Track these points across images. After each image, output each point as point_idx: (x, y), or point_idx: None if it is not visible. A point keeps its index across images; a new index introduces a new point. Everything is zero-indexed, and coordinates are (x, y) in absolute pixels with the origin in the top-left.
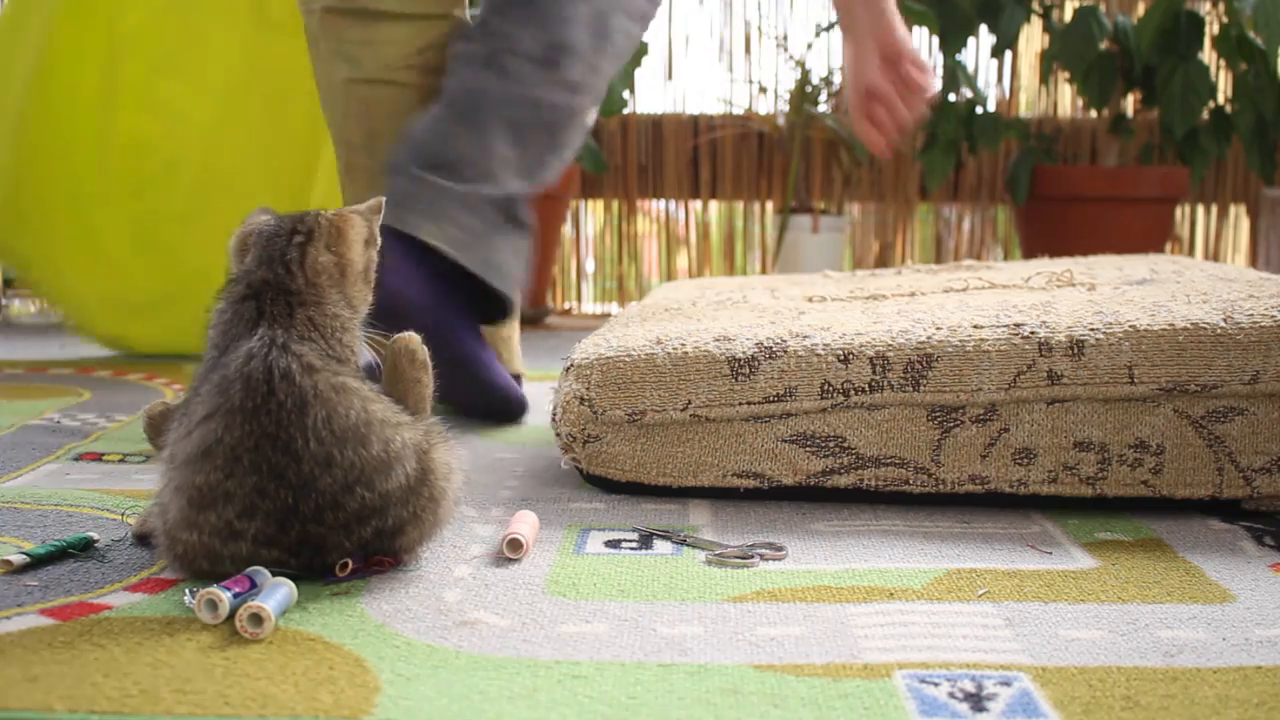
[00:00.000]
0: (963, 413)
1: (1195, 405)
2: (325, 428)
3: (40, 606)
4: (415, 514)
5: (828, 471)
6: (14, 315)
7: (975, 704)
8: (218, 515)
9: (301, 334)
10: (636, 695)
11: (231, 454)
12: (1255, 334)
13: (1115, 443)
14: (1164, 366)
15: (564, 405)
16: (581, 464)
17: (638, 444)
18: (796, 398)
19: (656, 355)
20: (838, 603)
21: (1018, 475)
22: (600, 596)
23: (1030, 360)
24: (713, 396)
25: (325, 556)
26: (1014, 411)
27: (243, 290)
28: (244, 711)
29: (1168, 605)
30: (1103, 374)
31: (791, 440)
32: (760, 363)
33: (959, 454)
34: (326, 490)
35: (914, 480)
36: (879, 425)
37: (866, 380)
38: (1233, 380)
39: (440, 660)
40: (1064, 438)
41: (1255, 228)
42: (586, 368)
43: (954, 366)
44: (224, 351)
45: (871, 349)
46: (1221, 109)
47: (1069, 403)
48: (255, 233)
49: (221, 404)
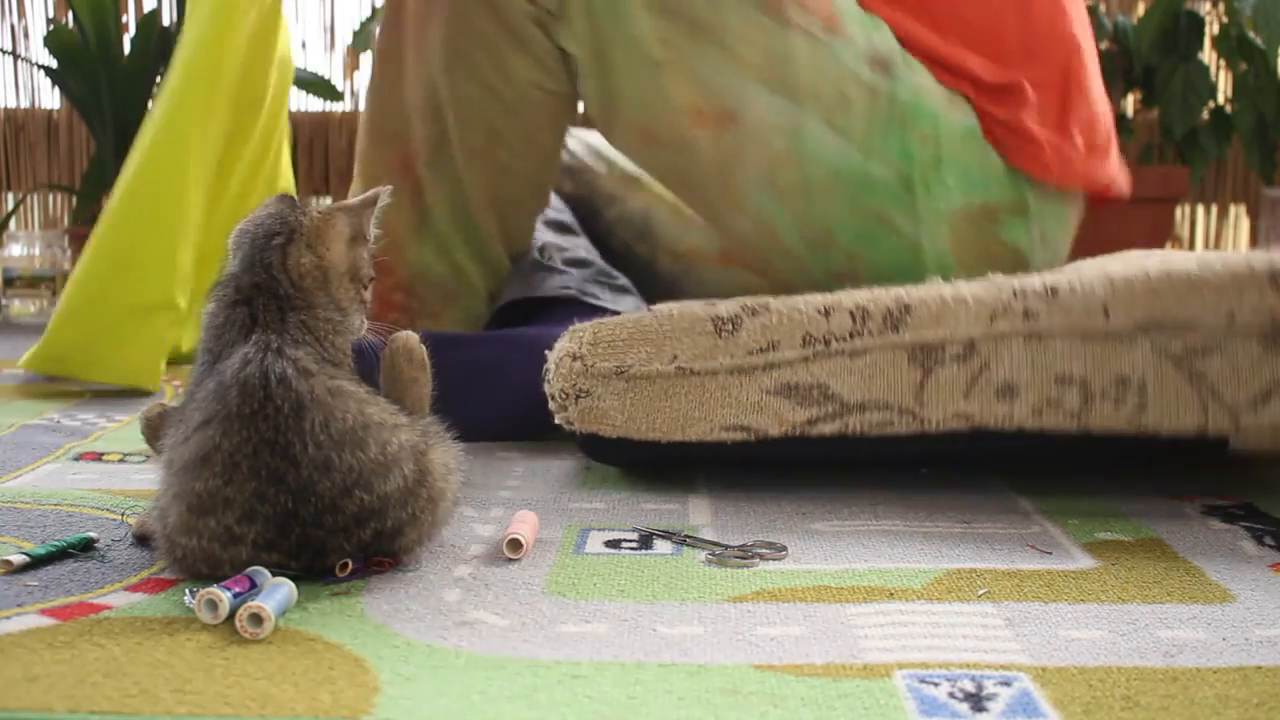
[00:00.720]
0: (943, 351)
1: (1173, 342)
2: (323, 432)
3: (40, 606)
4: (414, 515)
5: (813, 420)
6: (14, 315)
7: (975, 704)
8: (217, 521)
9: (296, 338)
10: (636, 695)
11: (230, 460)
12: (1228, 276)
13: (1096, 378)
14: (1138, 305)
15: (556, 363)
16: (574, 422)
17: (626, 398)
18: (779, 349)
19: (645, 317)
20: (838, 603)
21: (1002, 411)
22: (600, 596)
23: (1005, 303)
24: (697, 351)
25: (325, 559)
26: (993, 348)
27: (233, 294)
28: (244, 711)
29: (1168, 605)
30: (1077, 311)
31: (776, 392)
32: (743, 320)
33: (942, 393)
34: (325, 494)
35: (899, 422)
36: (861, 371)
37: (847, 330)
38: (1208, 316)
39: (440, 660)
40: (1044, 373)
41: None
42: (581, 330)
43: (931, 312)
44: (218, 357)
45: (851, 301)
46: (1221, 109)
47: (1046, 340)
48: (244, 230)
49: (219, 410)
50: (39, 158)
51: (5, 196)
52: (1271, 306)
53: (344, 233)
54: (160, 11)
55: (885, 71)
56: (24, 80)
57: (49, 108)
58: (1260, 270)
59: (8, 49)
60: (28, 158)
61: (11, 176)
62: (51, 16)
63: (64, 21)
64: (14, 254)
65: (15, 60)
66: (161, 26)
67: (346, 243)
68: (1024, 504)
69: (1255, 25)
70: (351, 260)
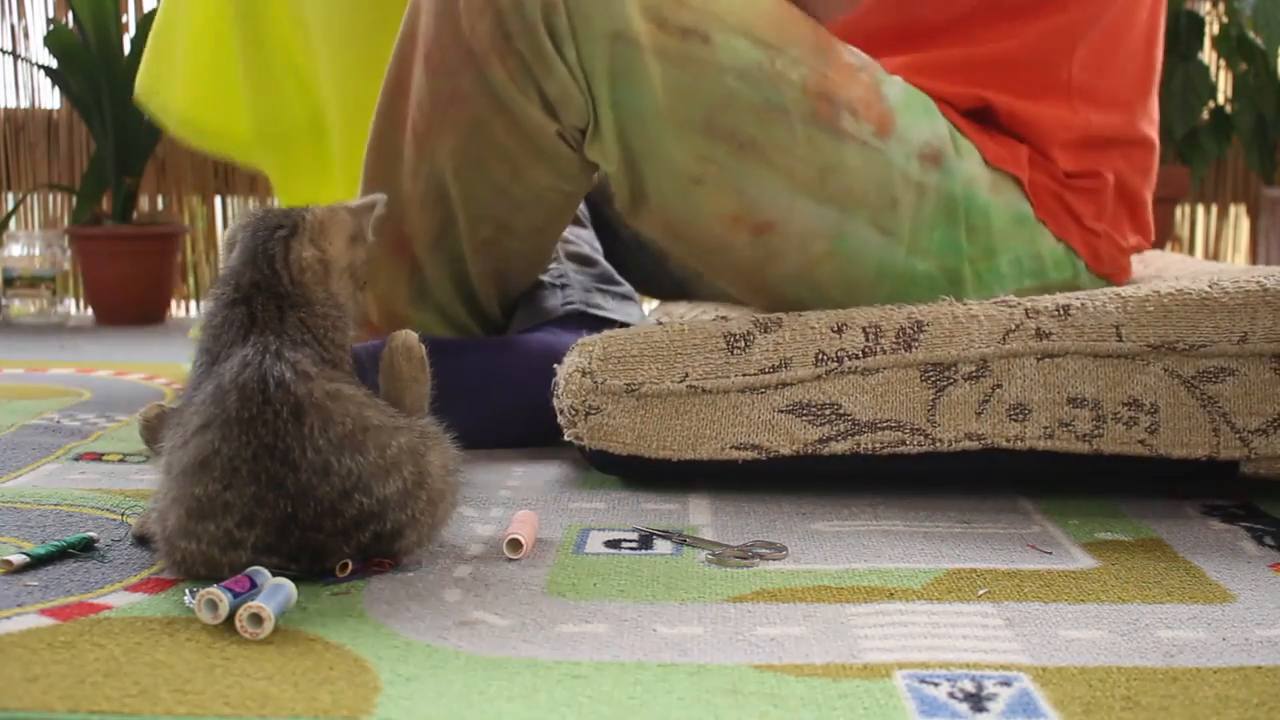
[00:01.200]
0: (955, 370)
1: (1185, 365)
2: (322, 436)
3: (40, 606)
4: (413, 517)
5: (825, 439)
6: (14, 315)
7: (975, 704)
8: (217, 525)
9: (294, 338)
10: (636, 695)
11: (229, 465)
12: (1240, 298)
13: (1108, 400)
14: (1151, 327)
15: (566, 379)
16: (583, 439)
17: (637, 416)
18: (791, 367)
19: (655, 332)
20: (838, 603)
21: (1014, 431)
22: (600, 596)
23: (1018, 321)
24: (709, 369)
25: (324, 561)
26: (1005, 367)
27: (231, 293)
28: (244, 711)
29: (1168, 605)
30: (1090, 332)
31: (788, 410)
32: (755, 336)
33: (954, 412)
34: (325, 498)
35: (911, 441)
36: (873, 389)
37: (860, 347)
38: (1221, 340)
39: (440, 660)
40: (1057, 393)
41: (1255, 228)
42: (590, 344)
43: (944, 330)
44: (216, 358)
45: (864, 319)
46: (1221, 109)
47: (1059, 359)
48: (242, 227)
49: (218, 414)
50: (39, 158)
51: (5, 196)
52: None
53: (347, 228)
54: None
55: (936, 165)
56: (24, 80)
57: (49, 108)
58: (1273, 291)
59: (8, 49)
60: (28, 158)
61: (11, 176)
62: (51, 16)
63: (64, 21)
64: (14, 254)
65: (15, 60)
66: None
67: (348, 239)
68: (1024, 504)
69: (1255, 25)
70: (351, 258)
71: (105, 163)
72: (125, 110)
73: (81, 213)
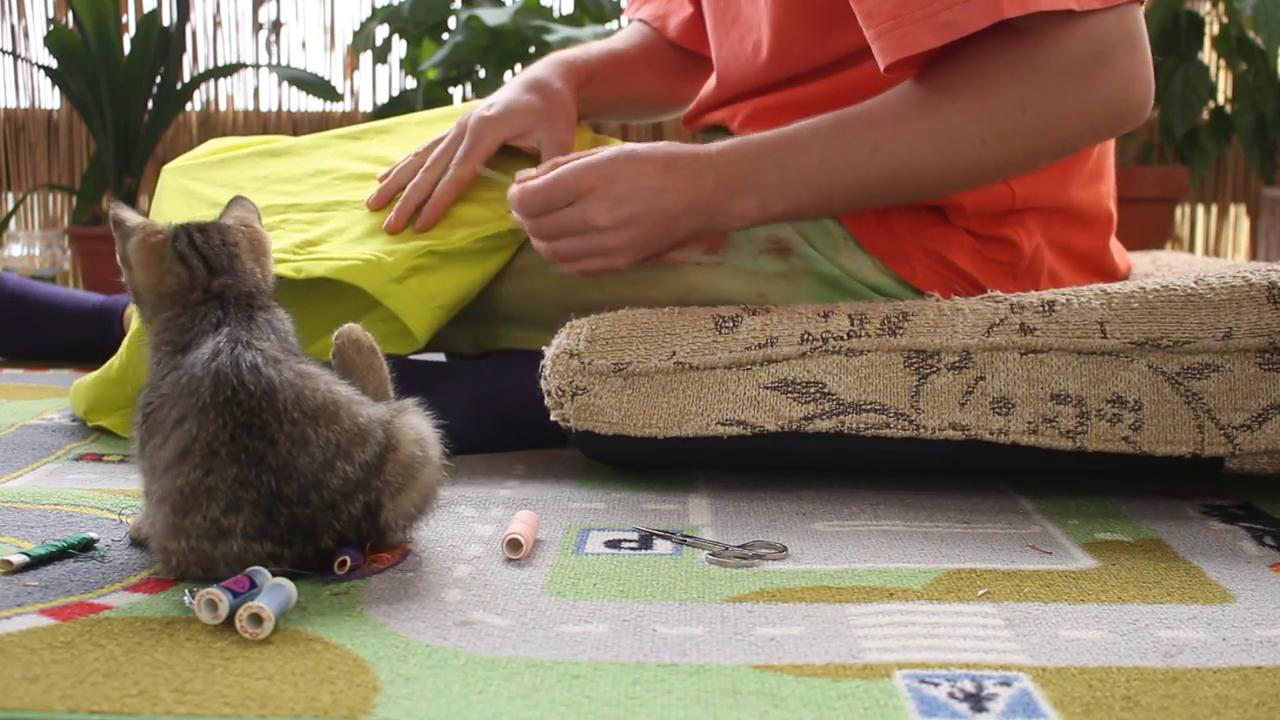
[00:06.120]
0: (938, 359)
1: (1169, 361)
2: (296, 409)
3: (40, 606)
4: (400, 484)
5: (809, 417)
6: None
7: (975, 704)
8: (203, 515)
9: (263, 334)
10: (636, 695)
11: (208, 449)
12: (1226, 293)
13: (1092, 397)
14: (1136, 323)
15: (553, 360)
16: (569, 419)
17: (623, 395)
18: (777, 345)
19: (643, 313)
20: (838, 603)
21: (998, 425)
22: (600, 596)
23: (1002, 315)
24: (696, 347)
25: (318, 541)
26: (989, 360)
27: (200, 296)
28: (244, 711)
29: (1168, 605)
30: (1074, 328)
31: (773, 387)
32: (743, 319)
33: (937, 400)
34: (307, 470)
35: (895, 425)
36: (857, 371)
37: (845, 330)
38: (1205, 336)
39: (440, 660)
40: (1040, 388)
41: (1255, 228)
42: (578, 326)
43: (929, 320)
44: (182, 348)
45: (850, 308)
46: (1221, 109)
47: (1043, 354)
48: (177, 236)
49: (193, 404)
50: (39, 158)
51: (5, 196)
52: (1269, 325)
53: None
54: (160, 11)
55: (792, 250)
56: (24, 80)
57: (49, 108)
58: (1258, 286)
59: (8, 49)
60: (28, 158)
61: (11, 176)
62: (51, 16)
63: (64, 21)
64: (14, 254)
65: (15, 60)
66: (161, 26)
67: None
68: (1024, 504)
69: (1255, 25)
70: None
71: (105, 163)
72: (125, 110)
73: (81, 213)
